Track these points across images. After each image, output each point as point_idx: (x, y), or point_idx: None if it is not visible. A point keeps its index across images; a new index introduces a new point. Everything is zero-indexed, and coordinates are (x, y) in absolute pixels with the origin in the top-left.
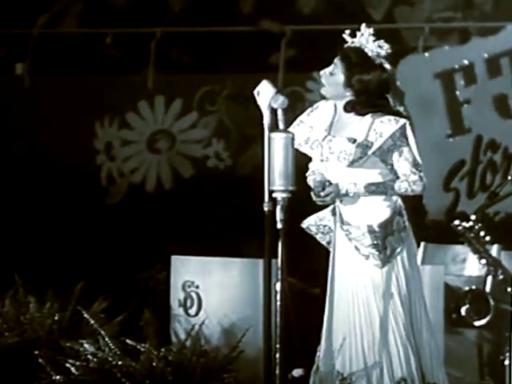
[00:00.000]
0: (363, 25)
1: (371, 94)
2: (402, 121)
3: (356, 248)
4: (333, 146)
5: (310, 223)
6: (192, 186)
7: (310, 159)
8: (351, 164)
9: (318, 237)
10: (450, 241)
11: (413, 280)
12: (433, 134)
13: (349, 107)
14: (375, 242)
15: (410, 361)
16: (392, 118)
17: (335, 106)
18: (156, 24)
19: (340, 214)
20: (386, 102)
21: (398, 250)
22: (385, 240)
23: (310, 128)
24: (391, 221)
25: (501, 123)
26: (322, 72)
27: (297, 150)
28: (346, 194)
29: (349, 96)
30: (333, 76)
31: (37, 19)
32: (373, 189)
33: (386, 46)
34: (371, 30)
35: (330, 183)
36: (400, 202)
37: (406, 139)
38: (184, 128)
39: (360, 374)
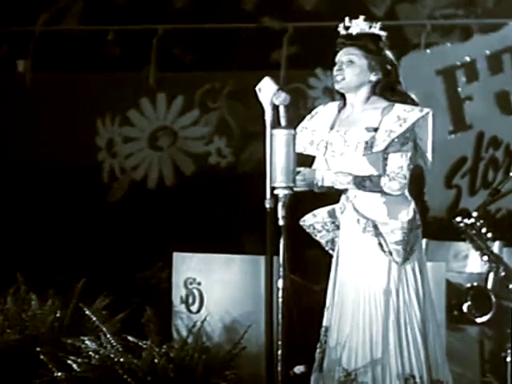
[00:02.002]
0: (346, 18)
1: (392, 75)
2: (426, 110)
3: (379, 245)
4: (348, 138)
5: (316, 220)
6: (194, 183)
7: (312, 157)
8: (369, 152)
9: (321, 234)
10: (451, 238)
11: (425, 276)
12: (434, 130)
13: (378, 90)
14: (405, 238)
15: (420, 357)
16: (415, 107)
17: (342, 104)
18: (158, 21)
19: (356, 211)
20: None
21: (415, 246)
22: (409, 236)
23: (312, 132)
24: (414, 217)
25: (503, 120)
26: (336, 67)
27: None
28: (322, 185)
29: (370, 82)
30: (353, 64)
31: (38, 16)
32: (355, 181)
33: (377, 25)
34: (361, 19)
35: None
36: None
37: (425, 130)
38: (186, 125)
39: (365, 370)
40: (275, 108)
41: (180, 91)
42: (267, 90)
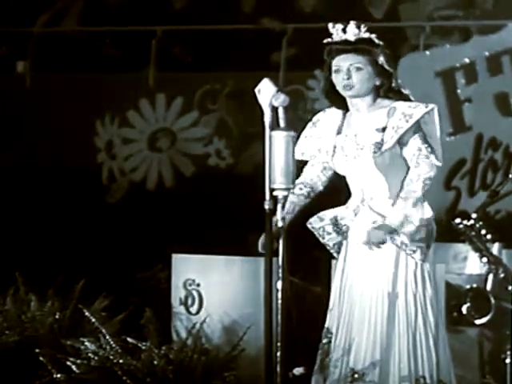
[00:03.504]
0: (330, 25)
1: (393, 77)
2: (431, 105)
3: (403, 244)
4: (361, 141)
5: (326, 223)
6: (193, 185)
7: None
8: (380, 151)
9: (330, 237)
10: (451, 239)
11: (435, 278)
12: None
13: (382, 93)
14: (428, 235)
15: (431, 359)
16: (419, 103)
17: (346, 109)
18: (157, 22)
19: (375, 213)
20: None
21: (431, 244)
22: (431, 233)
23: (318, 138)
24: (433, 214)
25: (502, 121)
26: (344, 75)
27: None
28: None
29: (375, 86)
30: (361, 70)
31: (38, 17)
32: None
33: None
34: (340, 25)
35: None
36: None
37: (432, 126)
38: (185, 126)
39: (372, 369)
40: (274, 109)
41: (179, 92)
42: (266, 92)
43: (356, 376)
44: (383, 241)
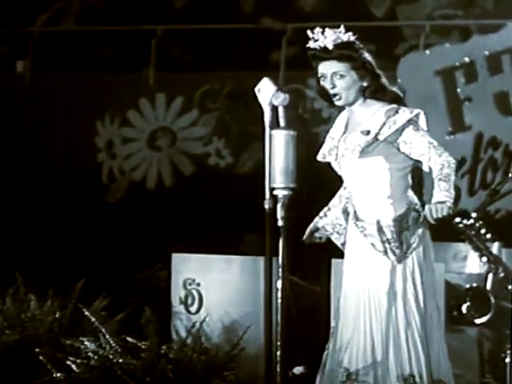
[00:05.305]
0: (316, 29)
1: (378, 76)
2: (417, 110)
3: (372, 244)
4: (348, 141)
5: (326, 222)
6: (193, 184)
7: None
8: (362, 153)
9: (334, 237)
10: (450, 238)
11: (427, 277)
12: (433, 131)
13: (368, 94)
14: (394, 236)
15: (419, 357)
16: (406, 108)
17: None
18: (157, 22)
19: (354, 211)
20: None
21: (414, 245)
22: (400, 235)
23: (332, 139)
24: (406, 215)
25: (501, 121)
26: (329, 84)
27: (317, 153)
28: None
29: (361, 88)
30: (344, 78)
31: (38, 17)
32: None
33: (342, 29)
34: (318, 29)
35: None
36: (415, 198)
37: (418, 127)
38: (185, 126)
39: (367, 370)
40: (274, 109)
41: (179, 92)
42: (266, 91)
43: (351, 376)
44: (448, 213)
